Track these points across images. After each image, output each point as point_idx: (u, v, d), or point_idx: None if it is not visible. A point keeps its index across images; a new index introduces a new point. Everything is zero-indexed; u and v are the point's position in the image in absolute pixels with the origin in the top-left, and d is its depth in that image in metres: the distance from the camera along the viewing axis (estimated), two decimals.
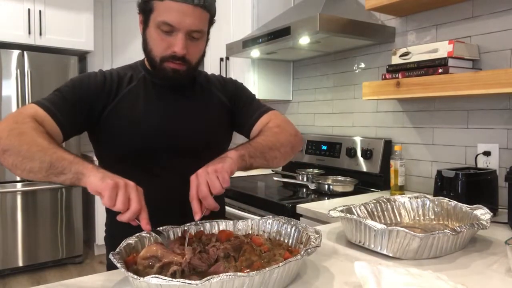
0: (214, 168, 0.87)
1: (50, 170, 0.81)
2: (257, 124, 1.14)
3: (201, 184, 0.85)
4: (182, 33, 0.98)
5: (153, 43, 1.02)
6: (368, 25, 1.96)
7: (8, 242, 3.21)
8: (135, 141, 1.06)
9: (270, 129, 1.08)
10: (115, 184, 0.77)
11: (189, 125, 1.11)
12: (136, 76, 1.11)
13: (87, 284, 0.82)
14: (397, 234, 0.91)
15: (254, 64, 2.59)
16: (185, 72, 1.05)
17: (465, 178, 1.40)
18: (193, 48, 1.03)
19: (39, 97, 1.00)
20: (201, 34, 1.03)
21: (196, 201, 0.85)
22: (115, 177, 0.80)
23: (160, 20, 0.98)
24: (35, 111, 0.94)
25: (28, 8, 3.30)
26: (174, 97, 1.12)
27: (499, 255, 0.98)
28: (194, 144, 1.11)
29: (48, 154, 0.82)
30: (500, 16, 1.60)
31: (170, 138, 1.08)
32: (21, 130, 0.86)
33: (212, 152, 1.12)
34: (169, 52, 1.01)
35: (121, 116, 1.06)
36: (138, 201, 0.78)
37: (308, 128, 2.61)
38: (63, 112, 0.97)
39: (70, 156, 0.83)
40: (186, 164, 1.08)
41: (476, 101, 1.69)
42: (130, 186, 0.80)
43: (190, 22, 0.98)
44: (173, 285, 0.63)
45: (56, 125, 0.95)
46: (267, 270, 0.67)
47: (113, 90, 1.06)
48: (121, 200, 0.77)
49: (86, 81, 1.05)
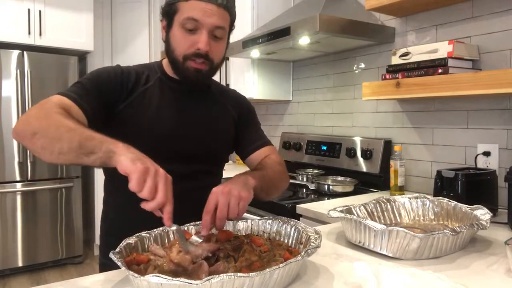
0: (240, 194, 0.85)
1: (80, 150, 0.79)
2: (257, 153, 1.19)
3: (223, 205, 0.83)
4: (205, 30, 1.01)
5: (176, 43, 1.04)
6: (368, 26, 1.96)
7: (8, 242, 3.21)
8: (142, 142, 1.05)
9: (274, 166, 1.12)
10: (145, 169, 0.73)
11: (196, 132, 1.12)
12: (152, 77, 1.12)
13: (87, 284, 0.82)
14: (397, 235, 0.91)
15: (254, 64, 2.59)
16: (207, 72, 1.06)
17: (465, 178, 1.40)
18: (216, 47, 1.05)
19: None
20: (223, 33, 1.06)
21: (210, 216, 0.83)
22: (147, 161, 0.76)
23: (185, 17, 1.00)
24: (59, 99, 0.93)
25: (28, 8, 3.30)
26: (188, 103, 1.13)
27: (499, 255, 0.98)
28: (197, 152, 1.12)
29: (77, 133, 0.80)
30: (500, 16, 1.60)
31: (176, 144, 1.09)
32: (49, 114, 0.85)
33: (213, 161, 1.18)
34: (192, 49, 1.02)
35: (134, 114, 1.06)
36: (164, 193, 0.74)
37: (308, 128, 2.61)
38: (86, 100, 0.97)
39: (99, 135, 0.81)
40: (189, 169, 1.10)
41: (476, 101, 1.69)
42: (160, 174, 0.75)
43: (213, 19, 1.01)
44: (174, 284, 0.63)
45: (81, 112, 0.94)
46: (267, 271, 0.67)
47: (129, 87, 1.07)
48: (148, 188, 0.73)
49: (105, 74, 1.05)
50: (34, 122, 0.84)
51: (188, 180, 1.09)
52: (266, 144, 1.22)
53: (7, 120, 3.22)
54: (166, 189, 0.75)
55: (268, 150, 1.21)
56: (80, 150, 0.79)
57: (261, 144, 1.21)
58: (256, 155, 1.20)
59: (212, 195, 0.84)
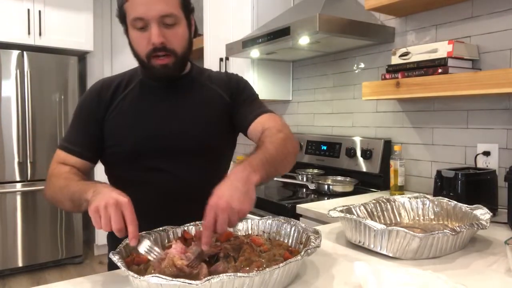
0: (240, 207, 0.79)
1: (74, 205, 0.92)
2: (255, 123, 1.10)
3: (223, 221, 0.77)
4: (153, 22, 0.99)
5: (135, 45, 1.04)
6: (367, 25, 1.96)
7: (8, 243, 3.21)
8: (128, 144, 1.07)
9: (274, 135, 1.01)
10: (95, 209, 0.79)
11: (184, 127, 1.10)
12: (134, 80, 1.13)
13: (86, 284, 0.82)
14: (397, 234, 0.91)
15: (254, 64, 2.59)
16: (173, 65, 1.04)
17: (464, 178, 1.40)
18: (171, 35, 1.02)
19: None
20: (174, 19, 1.01)
21: (210, 232, 0.77)
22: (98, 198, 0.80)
23: (131, 18, 1.00)
24: (58, 155, 1.09)
25: (27, 8, 3.30)
26: (172, 99, 1.12)
27: (499, 255, 0.98)
28: (189, 147, 1.09)
29: (65, 192, 0.95)
30: (499, 16, 1.60)
31: (164, 140, 1.08)
32: (52, 182, 1.02)
33: (211, 154, 1.13)
34: (150, 47, 1.01)
35: (117, 120, 1.09)
36: (116, 221, 0.78)
37: (308, 128, 2.61)
38: (78, 143, 1.09)
39: (80, 187, 0.92)
40: (181, 166, 1.09)
41: (476, 101, 1.69)
42: (109, 205, 0.78)
43: (157, 9, 0.99)
44: (173, 285, 0.63)
45: (77, 159, 1.08)
46: (267, 270, 0.67)
47: (108, 99, 1.10)
48: (103, 224, 0.79)
49: (86, 100, 1.13)
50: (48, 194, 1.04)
51: (184, 178, 1.08)
52: (263, 112, 1.11)
53: (7, 120, 3.22)
54: (119, 216, 0.78)
55: (266, 118, 1.10)
56: (74, 205, 0.93)
57: (257, 114, 1.11)
58: (254, 126, 1.09)
59: (210, 207, 0.77)
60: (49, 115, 3.37)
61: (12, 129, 3.24)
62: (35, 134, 3.31)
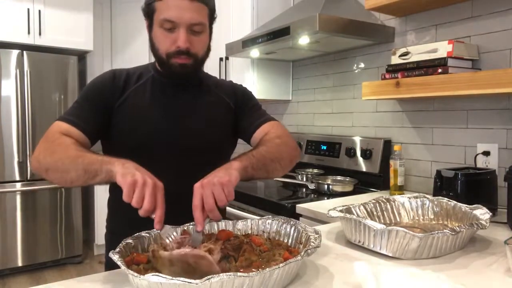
0: (220, 180, 0.85)
1: (86, 176, 0.90)
2: (258, 131, 1.16)
3: (208, 197, 0.83)
4: (183, 27, 1.03)
5: (158, 42, 1.07)
6: (367, 25, 1.96)
7: (7, 242, 3.21)
8: (135, 138, 1.10)
9: (271, 140, 1.08)
10: (133, 182, 0.81)
11: (191, 125, 1.13)
12: (145, 75, 1.16)
13: (86, 284, 0.82)
14: (397, 234, 0.91)
15: (254, 64, 2.59)
16: (192, 66, 1.08)
17: (464, 178, 1.40)
18: (196, 41, 1.06)
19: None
20: (202, 27, 1.06)
21: (199, 211, 0.83)
22: (136, 173, 0.83)
23: (162, 18, 1.03)
24: (59, 126, 1.05)
25: (27, 7, 3.29)
26: (180, 97, 1.15)
27: (499, 255, 0.98)
28: (194, 144, 1.12)
29: (80, 162, 0.91)
30: (499, 16, 1.60)
31: (170, 137, 1.11)
32: (53, 148, 0.97)
33: (214, 153, 1.14)
34: (173, 48, 1.04)
35: (126, 113, 1.11)
36: (150, 200, 0.81)
37: (308, 128, 2.61)
38: (83, 118, 1.06)
39: (98, 158, 0.90)
40: (186, 163, 1.10)
41: (476, 101, 1.69)
42: (147, 184, 0.82)
43: (189, 16, 1.02)
44: (173, 284, 0.64)
45: (80, 133, 1.05)
46: (267, 270, 0.67)
47: (120, 88, 1.12)
48: (135, 199, 0.80)
49: (97, 84, 1.13)
50: (43, 160, 0.97)
51: (189, 175, 1.08)
52: (266, 121, 1.17)
53: (7, 120, 3.21)
54: (152, 198, 0.81)
55: (269, 126, 1.16)
56: (86, 175, 0.90)
57: (260, 122, 1.17)
58: (257, 134, 1.16)
59: (195, 190, 0.84)
60: (49, 115, 3.36)
61: (12, 129, 3.23)
62: (35, 133, 3.31)
